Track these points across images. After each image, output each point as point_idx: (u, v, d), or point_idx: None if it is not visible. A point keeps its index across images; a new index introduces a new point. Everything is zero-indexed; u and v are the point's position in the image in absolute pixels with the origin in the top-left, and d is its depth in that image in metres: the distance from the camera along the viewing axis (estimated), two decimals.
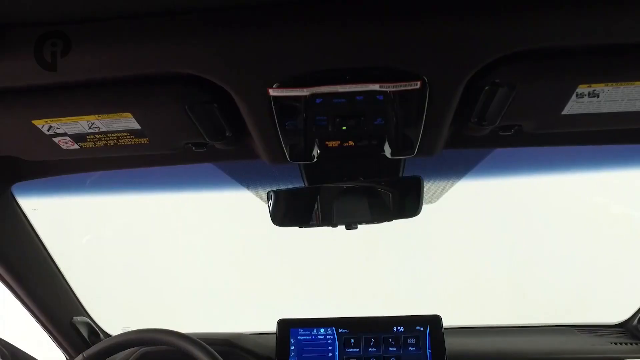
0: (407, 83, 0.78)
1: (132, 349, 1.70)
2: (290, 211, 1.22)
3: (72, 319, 1.78)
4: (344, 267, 4.77)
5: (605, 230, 4.74)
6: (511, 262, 4.60)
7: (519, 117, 0.92)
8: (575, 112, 0.87)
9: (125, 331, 1.43)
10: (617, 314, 1.94)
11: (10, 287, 1.54)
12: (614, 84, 0.79)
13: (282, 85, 0.79)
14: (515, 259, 4.62)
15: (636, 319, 1.84)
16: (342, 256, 4.76)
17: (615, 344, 1.76)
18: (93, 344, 1.58)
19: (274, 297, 4.39)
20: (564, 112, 0.87)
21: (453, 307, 3.54)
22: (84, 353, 1.39)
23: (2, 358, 1.74)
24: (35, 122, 0.88)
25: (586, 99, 0.83)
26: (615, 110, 0.87)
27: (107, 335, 1.95)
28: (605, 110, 0.87)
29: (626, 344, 1.76)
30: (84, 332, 1.81)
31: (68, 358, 1.84)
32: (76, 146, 0.98)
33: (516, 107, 0.86)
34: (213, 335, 1.74)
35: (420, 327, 1.59)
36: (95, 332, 1.88)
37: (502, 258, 4.66)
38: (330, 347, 1.59)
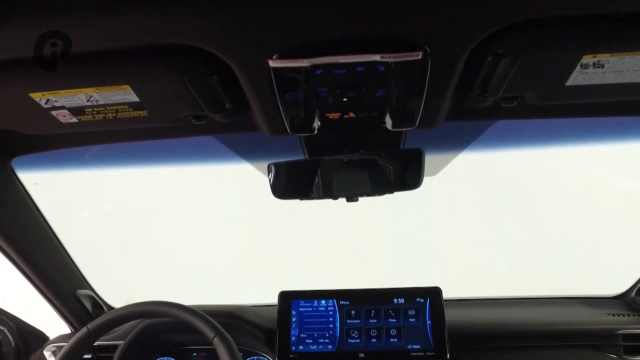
0: (408, 53, 0.77)
1: (135, 321, 1.72)
2: (290, 184, 1.22)
3: (75, 292, 1.79)
4: (344, 240, 4.79)
5: (606, 204, 4.74)
6: (511, 235, 4.62)
7: (521, 88, 0.91)
8: (579, 83, 0.86)
9: (128, 304, 1.45)
10: (616, 287, 1.96)
11: (14, 260, 1.55)
12: (619, 54, 0.78)
13: (282, 56, 0.78)
14: (515, 232, 4.64)
15: (634, 292, 1.86)
16: (342, 229, 4.78)
17: (612, 315, 1.78)
18: (97, 316, 1.60)
19: (275, 270, 4.43)
20: (568, 83, 0.86)
21: (453, 279, 3.57)
22: (88, 325, 1.41)
23: (7, 331, 1.76)
24: (32, 95, 0.87)
25: (591, 69, 0.82)
26: (620, 82, 0.85)
27: (110, 307, 1.97)
28: (609, 82, 0.85)
29: (623, 315, 1.78)
30: (87, 305, 1.83)
31: (73, 330, 1.87)
32: (75, 119, 0.97)
33: (519, 78, 0.85)
34: (215, 307, 1.76)
35: (421, 298, 1.61)
36: (98, 304, 1.91)
37: (502, 231, 4.68)
38: (331, 319, 1.61)
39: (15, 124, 1.04)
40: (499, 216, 4.81)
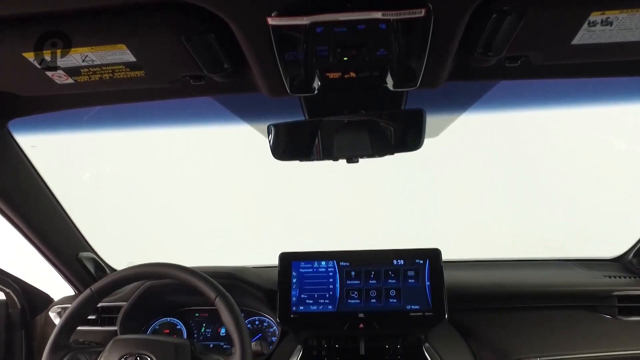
0: (411, 11, 0.75)
1: (138, 282, 1.74)
2: (290, 145, 1.21)
3: (78, 254, 1.81)
4: (345, 202, 4.81)
5: (608, 166, 4.73)
6: (512, 198, 4.63)
7: (526, 47, 0.89)
8: (585, 42, 0.84)
9: (130, 266, 1.46)
10: (615, 249, 1.98)
11: (15, 224, 1.56)
12: (629, 10, 0.76)
13: (281, 14, 0.76)
14: (516, 193, 4.64)
15: (631, 254, 1.88)
16: (343, 191, 4.79)
17: (609, 277, 1.81)
18: (99, 278, 1.62)
19: (276, 232, 4.46)
20: (574, 41, 0.84)
21: (452, 241, 3.60)
22: (91, 287, 1.42)
23: (13, 293, 1.79)
24: (25, 54, 0.85)
25: (598, 27, 0.80)
26: (628, 40, 0.84)
27: (112, 270, 2.00)
28: (618, 40, 0.83)
29: (619, 277, 1.80)
30: (90, 267, 1.85)
31: (76, 292, 1.89)
32: (70, 80, 0.96)
33: (524, 36, 0.83)
34: (217, 268, 1.78)
35: (420, 260, 1.62)
36: (101, 267, 1.93)
37: (503, 193, 4.69)
38: (331, 280, 1.63)
39: (9, 85, 1.02)
40: (500, 178, 4.81)
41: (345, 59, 0.88)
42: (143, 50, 0.86)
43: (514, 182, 4.76)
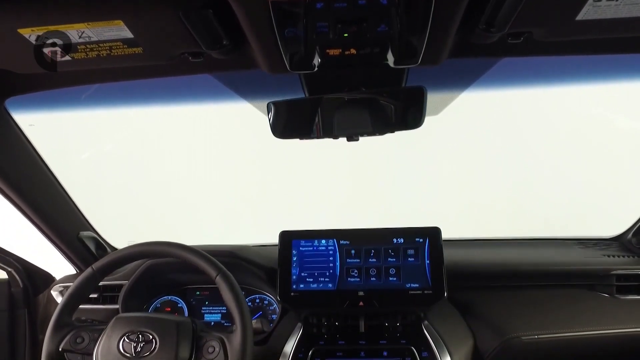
0: None
1: (139, 261, 1.75)
2: (290, 123, 1.20)
3: (78, 233, 1.82)
4: (345, 181, 4.81)
5: (609, 145, 4.71)
6: (513, 176, 4.61)
7: (529, 23, 0.88)
8: (590, 18, 0.83)
9: (130, 244, 1.46)
10: (615, 229, 1.98)
11: (15, 203, 1.56)
12: None
13: None
14: (516, 172, 4.63)
15: (630, 233, 1.88)
16: (343, 169, 4.78)
17: (608, 256, 1.81)
18: (100, 257, 1.62)
19: (276, 211, 4.46)
20: (578, 17, 0.83)
21: (452, 219, 3.61)
22: (92, 266, 1.43)
23: (15, 272, 1.80)
24: (21, 31, 0.84)
25: (604, 2, 0.78)
26: (634, 15, 0.82)
27: (113, 248, 2.00)
28: (623, 15, 0.82)
29: (618, 256, 1.81)
30: (91, 246, 1.86)
31: (77, 271, 1.90)
32: (67, 57, 0.95)
33: (528, 11, 0.82)
34: (217, 247, 1.78)
35: (420, 238, 1.62)
36: (101, 246, 1.93)
37: (503, 171, 4.68)
38: (331, 258, 1.63)
39: (5, 62, 1.01)
40: (501, 156, 4.78)
41: (345, 35, 0.87)
42: (140, 26, 0.85)
43: (514, 160, 4.74)
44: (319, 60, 0.96)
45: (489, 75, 1.38)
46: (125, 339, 1.28)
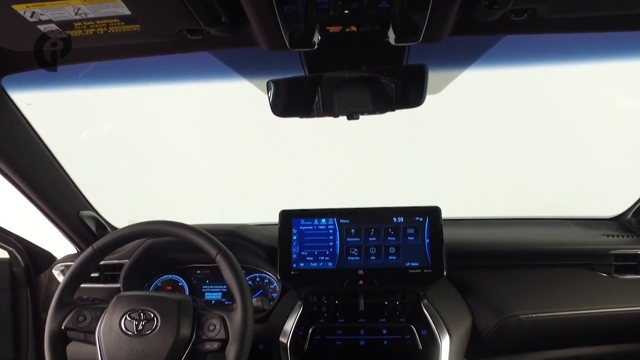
0: None
1: (140, 240, 1.75)
2: (290, 101, 1.19)
3: (79, 213, 1.82)
4: (345, 160, 4.79)
5: (612, 125, 4.68)
6: (513, 155, 4.60)
7: None
8: None
9: (131, 224, 1.46)
10: (615, 209, 1.98)
11: (14, 182, 1.55)
12: None
13: None
14: (517, 151, 4.61)
15: (630, 213, 1.88)
16: (343, 148, 4.77)
17: (607, 236, 1.82)
18: (101, 236, 1.63)
19: (277, 191, 4.46)
20: None
21: (452, 199, 3.61)
22: (93, 245, 1.43)
23: (16, 251, 1.80)
24: (15, 7, 0.82)
25: None
26: None
27: (113, 228, 2.01)
28: None
29: (617, 236, 1.82)
30: (91, 225, 1.86)
31: (78, 250, 1.91)
32: (64, 35, 0.93)
33: None
34: (217, 226, 1.79)
35: (420, 217, 1.62)
36: (102, 225, 1.94)
37: (504, 150, 4.66)
38: (331, 237, 1.63)
39: (1, 40, 1.00)
40: (502, 135, 4.76)
41: (346, 12, 0.86)
42: (137, 3, 0.84)
43: (515, 140, 4.72)
44: (319, 37, 0.95)
45: (491, 54, 1.37)
46: (127, 317, 1.29)
